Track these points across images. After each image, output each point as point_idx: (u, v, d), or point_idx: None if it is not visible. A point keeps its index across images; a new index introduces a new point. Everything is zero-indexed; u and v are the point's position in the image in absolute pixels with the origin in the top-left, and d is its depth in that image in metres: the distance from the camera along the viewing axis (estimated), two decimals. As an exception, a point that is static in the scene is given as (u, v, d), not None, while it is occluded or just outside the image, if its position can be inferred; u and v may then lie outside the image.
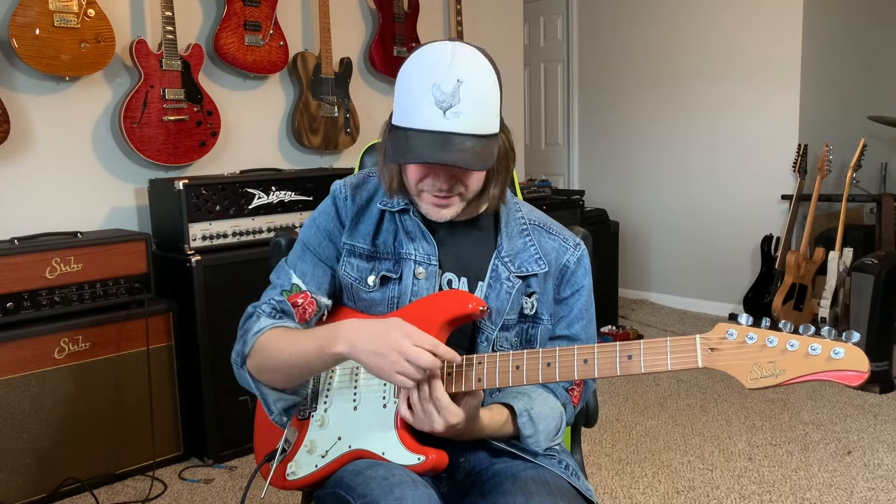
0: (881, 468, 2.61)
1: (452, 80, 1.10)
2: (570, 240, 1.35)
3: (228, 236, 2.73)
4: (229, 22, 3.00)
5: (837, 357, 0.93)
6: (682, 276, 4.84)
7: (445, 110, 1.11)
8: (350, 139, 3.46)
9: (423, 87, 1.11)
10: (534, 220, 1.35)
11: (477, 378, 1.13)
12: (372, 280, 1.28)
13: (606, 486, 2.50)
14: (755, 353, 0.98)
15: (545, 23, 5.49)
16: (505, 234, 1.30)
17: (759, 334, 0.98)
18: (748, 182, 4.47)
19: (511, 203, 1.34)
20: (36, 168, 2.68)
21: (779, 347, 0.96)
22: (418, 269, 1.26)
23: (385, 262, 1.28)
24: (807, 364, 0.94)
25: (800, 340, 0.95)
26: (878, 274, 3.27)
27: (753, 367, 0.97)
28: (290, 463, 1.26)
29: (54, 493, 2.40)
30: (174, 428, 2.68)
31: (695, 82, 4.64)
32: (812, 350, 0.94)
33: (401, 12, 3.62)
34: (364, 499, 1.07)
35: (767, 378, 0.96)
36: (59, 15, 2.52)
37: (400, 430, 1.17)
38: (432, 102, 1.11)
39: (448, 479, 1.28)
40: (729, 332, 0.99)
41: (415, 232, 1.28)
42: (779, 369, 0.96)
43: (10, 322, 2.32)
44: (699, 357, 1.01)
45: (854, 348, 0.93)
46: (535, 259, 1.29)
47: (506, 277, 1.27)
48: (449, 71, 1.11)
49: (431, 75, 1.11)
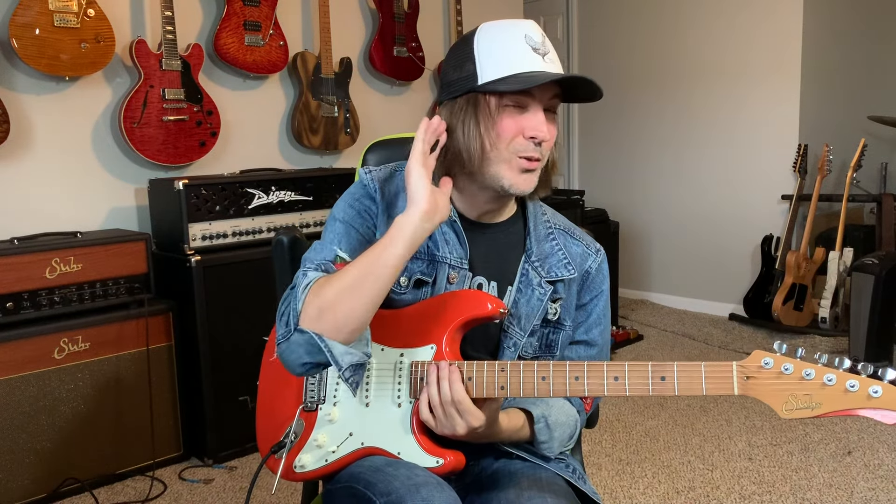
0: (881, 468, 2.60)
1: (538, 31, 1.14)
2: (592, 245, 1.33)
3: (228, 236, 2.73)
4: (229, 22, 3.00)
5: (876, 396, 0.94)
6: (683, 277, 4.84)
7: (543, 56, 1.13)
8: (350, 139, 3.46)
9: (515, 38, 1.13)
10: (558, 224, 1.32)
11: (500, 386, 1.11)
12: (404, 281, 1.23)
13: (606, 486, 2.50)
14: (792, 385, 0.98)
15: (545, 23, 5.49)
16: (534, 237, 1.27)
17: (796, 366, 0.98)
18: (748, 182, 4.47)
19: (537, 205, 1.32)
20: (36, 168, 2.68)
21: (816, 381, 0.97)
22: (452, 274, 1.23)
23: (418, 262, 1.23)
24: (845, 400, 0.96)
25: (837, 375, 0.96)
26: (878, 274, 3.27)
27: (789, 398, 0.99)
28: (299, 455, 1.23)
29: (54, 493, 2.40)
30: (174, 428, 2.68)
31: (695, 82, 4.64)
32: (850, 387, 0.95)
33: (401, 12, 3.62)
34: (388, 496, 1.04)
35: (803, 410, 0.98)
36: (59, 15, 2.52)
37: (417, 433, 1.15)
38: (530, 50, 1.12)
39: (457, 481, 1.27)
40: (765, 361, 1.00)
41: (449, 232, 1.24)
42: (815, 402, 0.97)
43: (10, 322, 2.32)
44: (735, 385, 1.01)
45: (892, 388, 0.94)
46: (565, 264, 1.27)
47: (537, 283, 1.24)
48: (532, 25, 1.14)
49: (518, 28, 1.13)
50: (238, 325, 2.67)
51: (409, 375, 1.17)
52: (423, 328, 1.18)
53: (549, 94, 1.15)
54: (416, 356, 1.17)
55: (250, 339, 2.67)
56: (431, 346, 1.17)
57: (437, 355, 1.16)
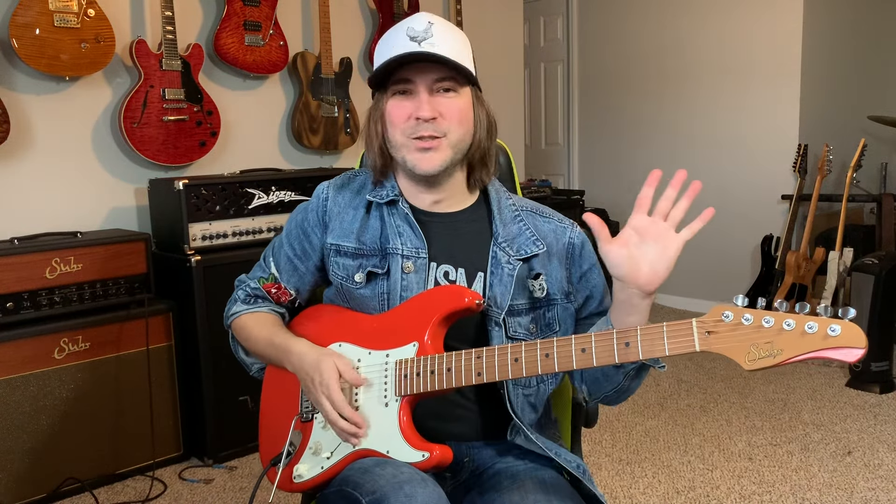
0: (881, 468, 2.61)
1: (424, 21, 1.21)
2: (566, 220, 1.36)
3: (228, 236, 2.73)
4: (229, 22, 3.00)
5: (834, 334, 0.91)
6: (683, 276, 4.82)
7: (420, 42, 1.19)
8: (350, 139, 3.46)
9: (397, 31, 1.21)
10: (525, 206, 1.35)
11: (476, 372, 1.13)
12: (359, 277, 1.28)
13: (606, 486, 2.50)
14: (752, 333, 0.97)
15: (545, 23, 5.49)
16: (499, 220, 1.30)
17: (755, 315, 0.97)
18: (748, 182, 4.47)
19: (501, 192, 1.35)
20: (36, 168, 2.68)
21: (775, 327, 0.95)
22: (406, 264, 1.26)
23: (371, 258, 1.28)
24: (804, 342, 0.93)
25: (796, 319, 0.94)
26: (878, 274, 3.27)
27: (751, 348, 0.96)
28: (297, 465, 1.25)
29: (54, 493, 2.40)
30: (174, 428, 2.68)
31: (695, 82, 4.64)
32: (808, 328, 0.93)
33: (401, 12, 3.62)
34: (373, 495, 1.06)
35: (766, 359, 0.95)
36: (59, 15, 2.52)
37: (403, 428, 1.17)
38: (406, 39, 1.19)
39: (452, 479, 1.27)
40: (725, 314, 0.99)
41: (402, 226, 1.27)
42: (776, 349, 0.95)
43: (10, 322, 2.32)
44: (696, 341, 1.00)
45: (850, 324, 0.91)
46: (533, 241, 1.29)
47: (506, 262, 1.26)
48: (421, 16, 1.21)
49: (404, 23, 1.22)
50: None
51: (395, 374, 1.19)
52: (405, 328, 1.21)
53: (431, 76, 1.21)
54: (400, 355, 1.20)
55: (250, 339, 2.68)
56: (414, 343, 1.20)
57: (420, 351, 1.19)
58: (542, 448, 1.23)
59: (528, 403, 1.29)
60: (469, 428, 1.29)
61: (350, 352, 1.26)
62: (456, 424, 1.28)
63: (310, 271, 1.36)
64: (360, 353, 1.25)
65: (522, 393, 1.28)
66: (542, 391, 1.32)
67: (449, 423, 1.27)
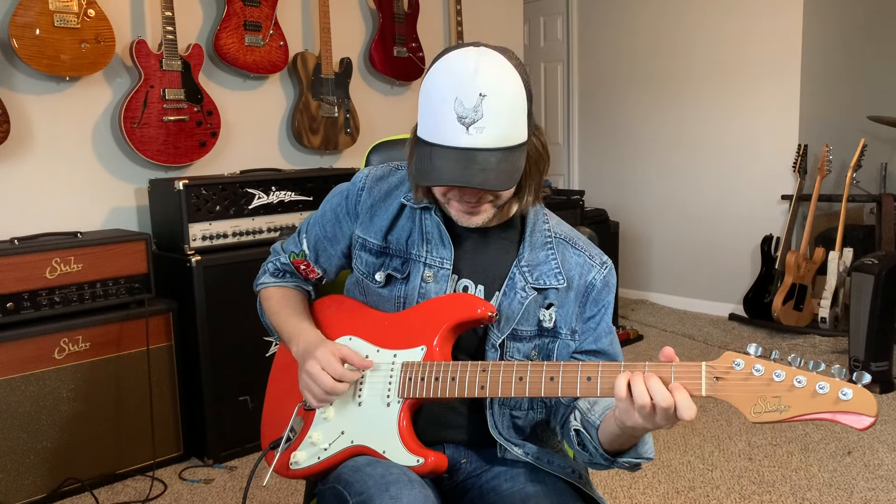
0: (881, 468, 2.61)
1: (475, 94, 1.07)
2: (597, 257, 1.30)
3: (228, 236, 2.73)
4: (229, 22, 3.00)
5: (846, 398, 0.89)
6: (683, 277, 4.84)
7: (468, 126, 1.08)
8: (350, 139, 3.46)
9: (444, 101, 1.09)
10: (560, 233, 1.30)
11: (480, 385, 1.13)
12: (379, 276, 1.28)
13: (606, 486, 2.50)
14: (761, 386, 0.94)
15: (545, 23, 5.49)
16: (528, 244, 1.27)
17: (767, 367, 0.95)
18: (748, 182, 4.47)
19: (539, 213, 1.31)
20: (36, 168, 2.68)
21: (786, 383, 0.93)
22: (426, 273, 1.25)
23: (394, 259, 1.28)
24: (813, 403, 0.91)
25: (808, 377, 0.92)
26: (878, 274, 3.27)
27: (758, 400, 0.94)
28: (294, 452, 1.26)
29: (54, 493, 2.40)
30: (174, 428, 2.68)
31: (695, 82, 4.64)
32: (820, 388, 0.91)
33: (401, 12, 3.62)
34: (360, 496, 1.07)
35: (772, 413, 0.93)
36: (59, 15, 2.52)
37: (401, 430, 1.18)
38: (455, 119, 1.08)
39: (450, 480, 1.28)
40: (736, 362, 0.97)
41: (432, 233, 1.26)
42: (784, 405, 0.93)
43: (10, 322, 2.32)
44: (703, 385, 0.99)
45: (863, 391, 0.89)
46: (555, 273, 1.25)
47: (521, 287, 1.24)
48: (472, 84, 1.07)
49: (453, 88, 1.08)
50: (238, 325, 2.67)
51: (400, 375, 1.20)
52: (416, 330, 1.22)
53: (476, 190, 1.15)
54: (408, 356, 1.21)
55: (250, 339, 2.68)
56: (422, 347, 1.20)
57: (427, 355, 1.19)
58: (533, 461, 1.23)
59: (515, 426, 1.27)
60: (468, 434, 1.28)
61: (360, 346, 1.27)
62: (457, 431, 1.28)
63: (337, 255, 1.37)
64: (369, 349, 1.26)
65: (511, 414, 1.26)
66: (531, 418, 1.29)
67: (448, 429, 1.27)
